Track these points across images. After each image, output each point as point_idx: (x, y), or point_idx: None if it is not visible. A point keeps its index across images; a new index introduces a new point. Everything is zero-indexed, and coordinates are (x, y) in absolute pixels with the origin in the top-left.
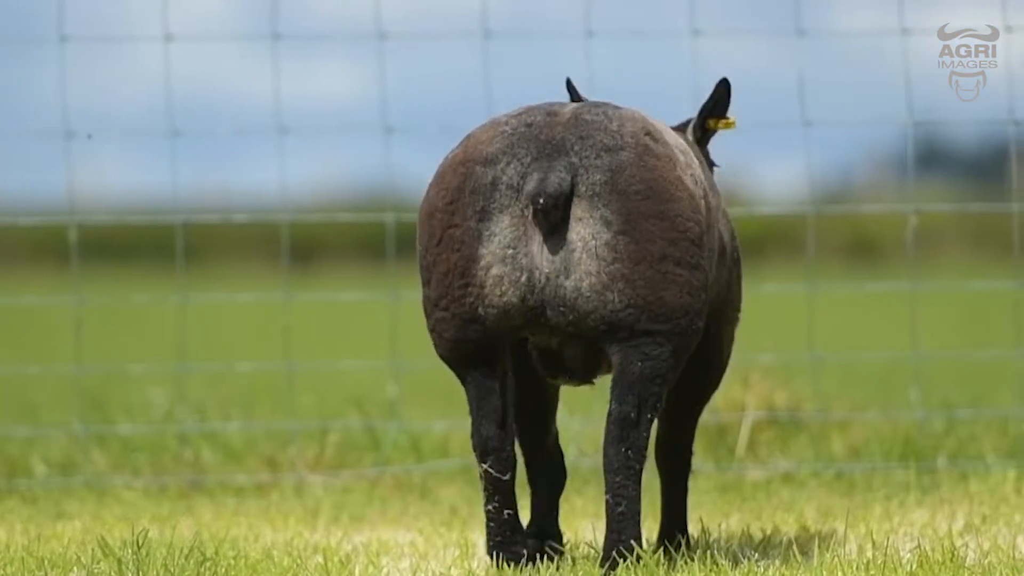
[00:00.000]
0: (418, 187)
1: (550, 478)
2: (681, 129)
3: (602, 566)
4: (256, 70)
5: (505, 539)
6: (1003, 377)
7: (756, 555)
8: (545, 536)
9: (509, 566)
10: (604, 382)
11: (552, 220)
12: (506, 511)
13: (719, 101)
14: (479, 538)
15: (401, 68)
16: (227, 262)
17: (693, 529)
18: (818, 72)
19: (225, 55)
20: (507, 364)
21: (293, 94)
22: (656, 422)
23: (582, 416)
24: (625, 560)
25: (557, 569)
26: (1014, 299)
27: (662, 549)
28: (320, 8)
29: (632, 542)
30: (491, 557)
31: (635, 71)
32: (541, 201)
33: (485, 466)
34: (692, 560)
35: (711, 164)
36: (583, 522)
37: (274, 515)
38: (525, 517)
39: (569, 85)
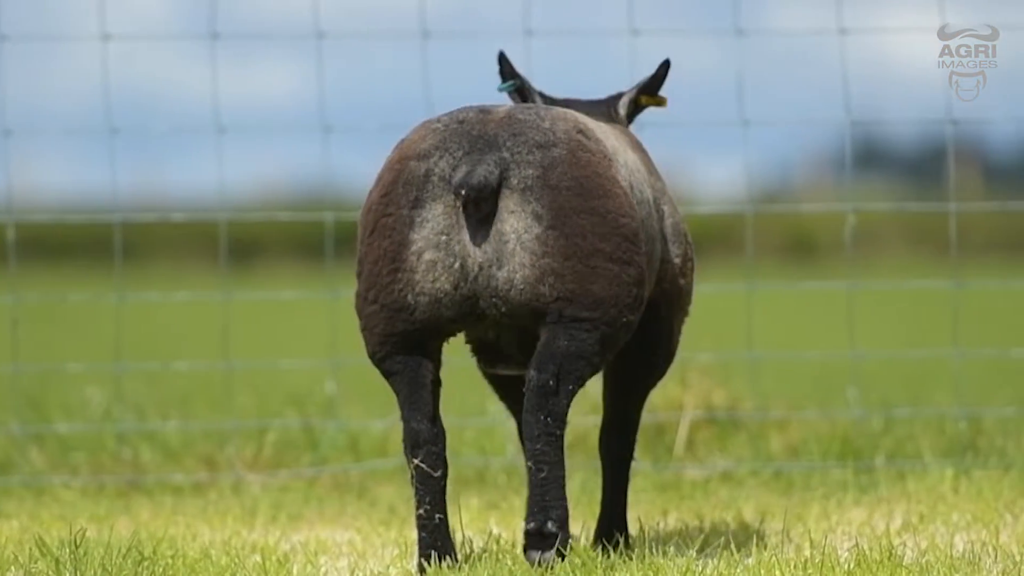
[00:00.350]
0: (357, 186)
1: None
2: (611, 102)
3: (526, 526)
4: (195, 69)
5: (437, 548)
6: (940, 376)
7: (694, 554)
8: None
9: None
10: None
11: (482, 211)
12: (437, 515)
13: (657, 79)
14: None
15: (340, 67)
16: (165, 261)
17: (631, 528)
18: (757, 72)
19: (164, 54)
20: (436, 364)
21: (232, 93)
22: (603, 406)
23: None
24: (556, 519)
25: (495, 568)
26: (951, 298)
27: (600, 545)
28: (259, 7)
29: (556, 503)
30: (422, 569)
31: (574, 70)
32: (463, 192)
33: (416, 461)
34: (630, 559)
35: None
36: (520, 521)
37: (212, 514)
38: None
39: (502, 58)
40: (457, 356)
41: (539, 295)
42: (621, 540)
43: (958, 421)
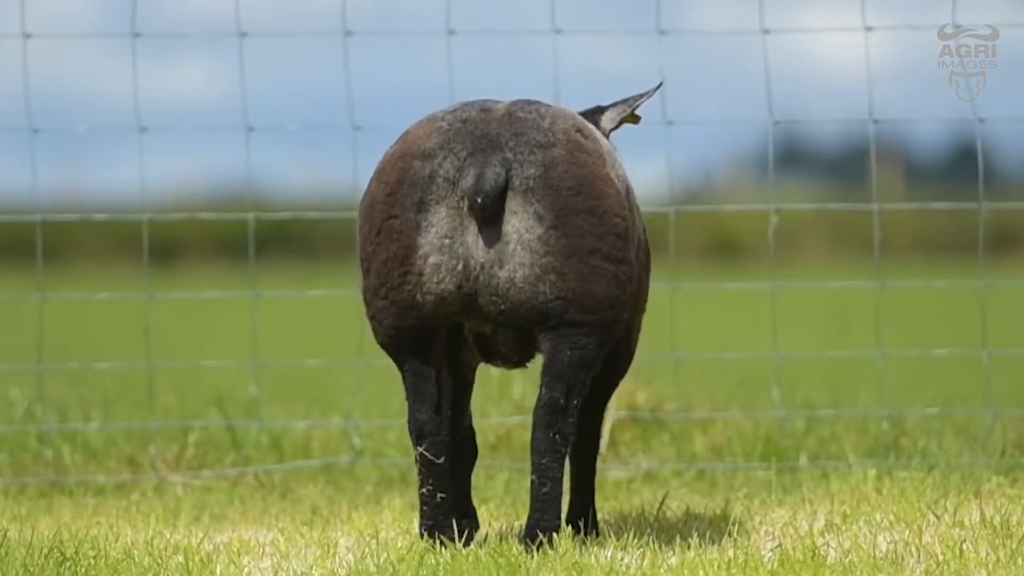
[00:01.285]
0: (279, 185)
1: (464, 456)
2: (593, 115)
3: (524, 541)
4: (116, 68)
5: (437, 522)
6: (863, 376)
7: (619, 554)
8: (460, 514)
9: (443, 546)
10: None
11: (488, 213)
12: (439, 494)
13: (646, 98)
14: (340, 537)
15: (262, 67)
16: (87, 261)
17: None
18: (679, 72)
19: (84, 53)
20: (443, 353)
21: (153, 92)
22: None
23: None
24: (548, 536)
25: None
26: (874, 298)
27: (571, 527)
28: (180, 7)
29: (555, 520)
30: (424, 538)
31: (497, 70)
32: (479, 200)
33: (420, 449)
34: (556, 558)
35: None
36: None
37: (135, 515)
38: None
39: None
40: (378, 357)
41: (539, 293)
42: (591, 521)
43: (881, 421)
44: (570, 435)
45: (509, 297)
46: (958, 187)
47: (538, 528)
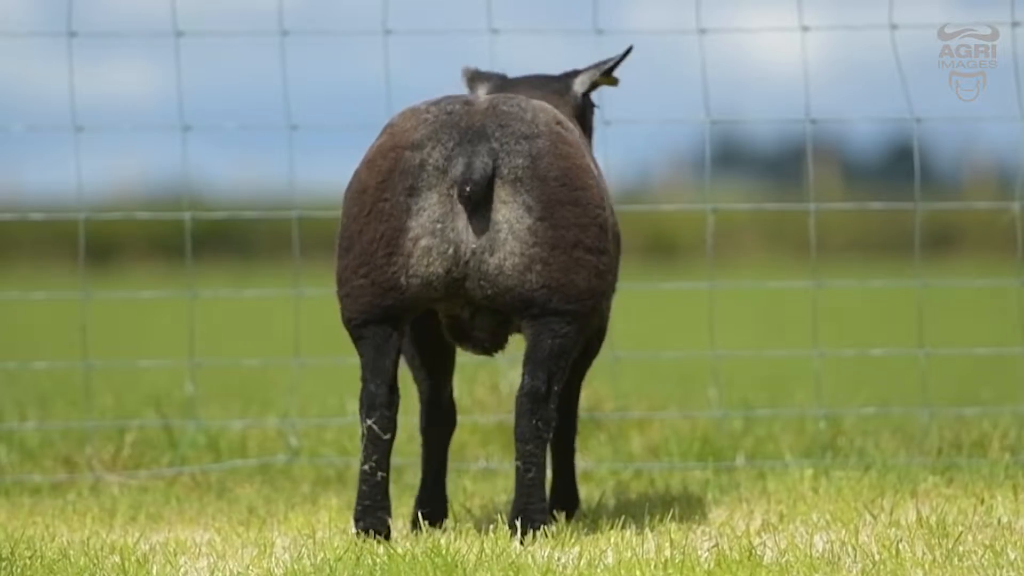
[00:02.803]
0: (216, 185)
1: (444, 425)
2: (566, 79)
3: (511, 525)
4: (52, 67)
5: (374, 503)
6: (800, 376)
7: (555, 553)
8: (433, 499)
9: (372, 535)
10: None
11: (475, 200)
12: (380, 473)
13: (618, 62)
14: (277, 537)
15: (198, 66)
16: (24, 260)
17: (490, 529)
18: (616, 71)
19: (20, 52)
20: (402, 336)
21: (90, 92)
22: None
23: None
24: (537, 518)
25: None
26: (811, 298)
27: (563, 513)
28: (116, 5)
29: (542, 502)
30: (357, 524)
31: (433, 69)
32: (468, 189)
33: (369, 422)
34: (494, 557)
35: (592, 106)
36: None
37: (71, 515)
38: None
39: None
40: (315, 356)
41: (525, 281)
42: (576, 503)
43: (818, 421)
44: (552, 420)
45: (497, 283)
46: (895, 187)
47: (527, 512)
